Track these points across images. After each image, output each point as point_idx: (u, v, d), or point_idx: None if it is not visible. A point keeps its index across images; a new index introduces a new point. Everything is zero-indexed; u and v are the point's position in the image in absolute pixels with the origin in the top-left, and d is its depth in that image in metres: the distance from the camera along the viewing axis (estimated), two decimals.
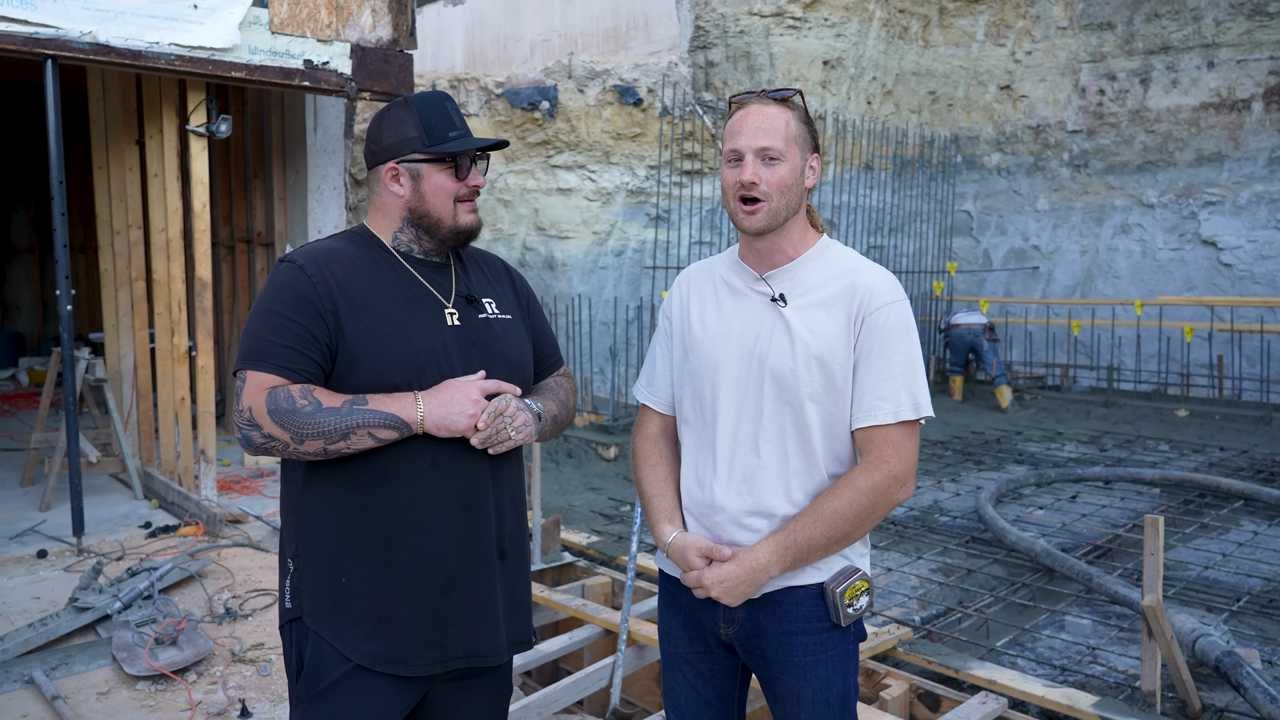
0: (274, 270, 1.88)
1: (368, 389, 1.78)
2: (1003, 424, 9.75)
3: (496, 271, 2.09)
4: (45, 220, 12.91)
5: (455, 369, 1.85)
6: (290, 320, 1.77)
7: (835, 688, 1.88)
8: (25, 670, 3.67)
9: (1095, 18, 11.94)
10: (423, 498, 1.81)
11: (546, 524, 5.04)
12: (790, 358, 1.83)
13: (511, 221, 10.35)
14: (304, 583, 1.83)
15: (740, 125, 1.84)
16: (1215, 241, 11.13)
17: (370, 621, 1.79)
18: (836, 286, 1.85)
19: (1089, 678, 3.77)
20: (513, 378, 1.92)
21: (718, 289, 1.98)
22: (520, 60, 13.77)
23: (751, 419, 1.87)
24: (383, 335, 1.80)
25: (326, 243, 1.92)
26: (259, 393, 1.74)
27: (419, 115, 1.88)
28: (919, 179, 12.53)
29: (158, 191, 6.09)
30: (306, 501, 1.84)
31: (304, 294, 1.79)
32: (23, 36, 4.92)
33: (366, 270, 1.86)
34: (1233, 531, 5.74)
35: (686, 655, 2.00)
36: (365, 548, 1.80)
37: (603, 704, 4.10)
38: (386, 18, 6.25)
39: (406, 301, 1.86)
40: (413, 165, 1.88)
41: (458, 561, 1.83)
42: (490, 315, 1.96)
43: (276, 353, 1.76)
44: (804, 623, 1.86)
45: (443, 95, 1.93)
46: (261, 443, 1.74)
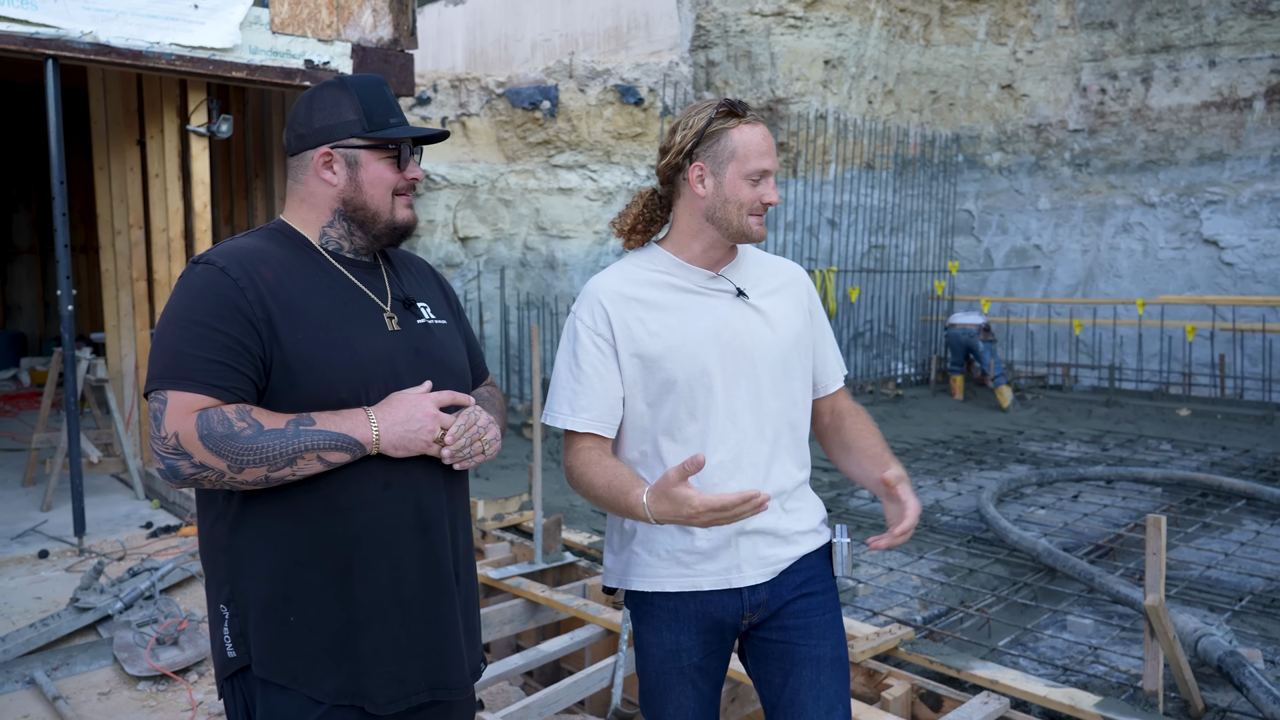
0: (188, 274, 1.63)
1: (309, 406, 1.59)
2: (1004, 423, 9.75)
3: (424, 273, 1.92)
4: (46, 220, 12.92)
5: (402, 380, 1.68)
6: (216, 331, 1.55)
7: (844, 646, 2.01)
8: (27, 670, 3.67)
9: (1096, 17, 11.93)
10: (377, 524, 1.64)
11: (548, 524, 5.03)
12: (778, 343, 1.97)
13: (512, 221, 10.35)
14: (247, 628, 1.63)
15: (761, 145, 1.91)
16: (1217, 240, 11.12)
17: (326, 659, 1.62)
18: (780, 275, 2.05)
19: (1091, 678, 3.77)
20: (457, 388, 1.77)
21: (666, 293, 1.94)
22: (521, 60, 13.77)
23: (751, 408, 1.94)
24: (323, 345, 1.61)
25: (245, 241, 1.70)
26: (186, 416, 1.51)
27: (358, 97, 1.70)
28: (920, 178, 12.52)
29: (159, 191, 6.10)
30: (241, 539, 1.63)
31: (230, 300, 1.57)
32: (23, 36, 4.92)
33: (296, 272, 1.66)
34: (1235, 531, 5.73)
35: (699, 664, 1.97)
36: (314, 583, 1.61)
37: (604, 704, 4.09)
38: (387, 17, 6.25)
39: (344, 306, 1.68)
40: (349, 152, 1.70)
41: (417, 589, 1.67)
42: (428, 320, 1.79)
43: (203, 369, 1.53)
44: (819, 581, 2.01)
45: (381, 79, 1.76)
46: (191, 473, 1.52)
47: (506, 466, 7.34)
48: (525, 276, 10.45)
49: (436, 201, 10.00)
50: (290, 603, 1.61)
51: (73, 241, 8.10)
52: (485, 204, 10.19)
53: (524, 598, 4.52)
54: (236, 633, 1.64)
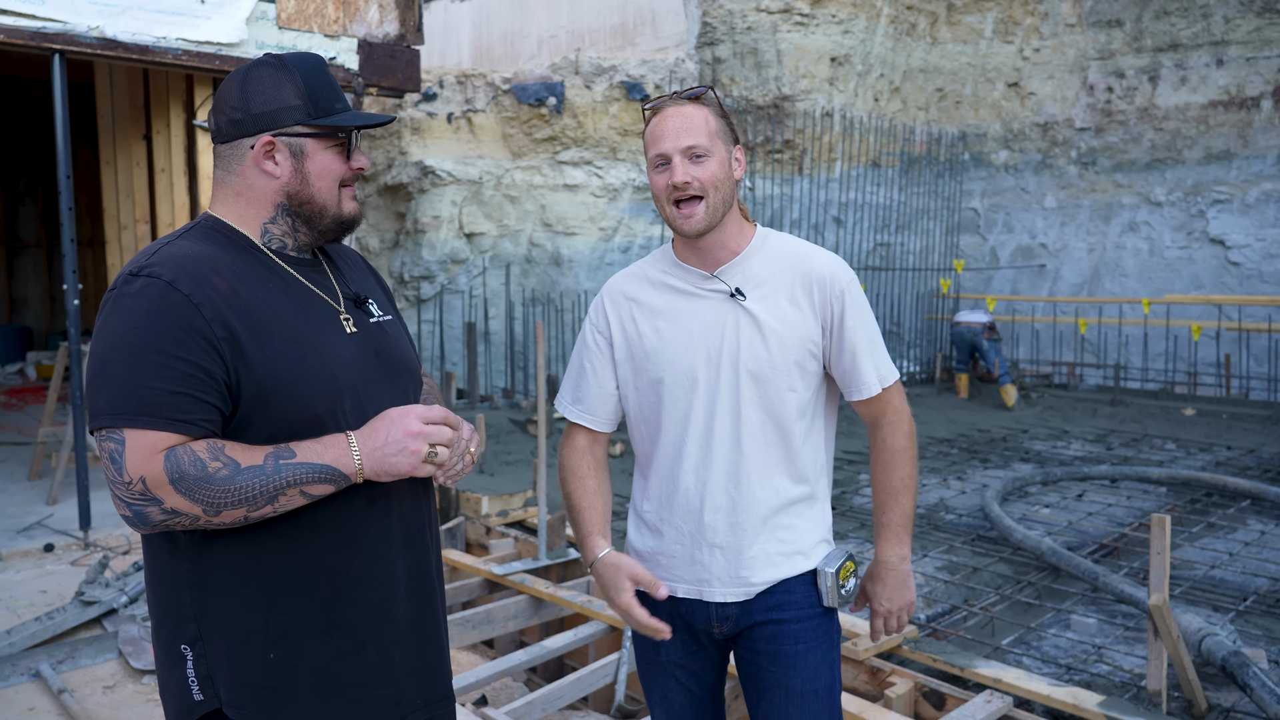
0: (129, 289, 1.42)
1: (284, 425, 1.45)
2: (1009, 422, 9.74)
3: (360, 266, 1.78)
4: (53, 215, 12.95)
5: (367, 385, 1.56)
6: (174, 357, 1.37)
7: (822, 678, 1.89)
8: (32, 663, 3.69)
9: (1104, 15, 11.90)
10: (365, 543, 1.53)
11: (552, 520, 5.04)
12: (765, 350, 1.84)
13: (518, 218, 10.35)
14: (217, 669, 1.47)
15: (661, 129, 1.82)
16: (1223, 240, 11.09)
17: (312, 698, 1.50)
18: (793, 274, 1.88)
19: (1094, 677, 3.76)
20: (412, 386, 1.67)
21: (663, 295, 1.93)
22: (527, 56, 13.77)
23: (730, 417, 1.86)
24: (295, 359, 1.47)
25: (185, 246, 1.49)
26: (151, 457, 1.35)
27: (301, 80, 1.52)
28: (926, 176, 12.51)
29: (165, 186, 6.11)
30: (209, 572, 1.47)
31: (185, 320, 1.38)
32: (30, 31, 4.93)
33: (249, 279, 1.49)
34: (1240, 531, 5.72)
35: (680, 660, 1.99)
36: (296, 614, 1.48)
37: (607, 700, 4.10)
38: (393, 13, 6.25)
39: (305, 313, 1.53)
40: (295, 140, 1.53)
41: (407, 605, 1.59)
42: (379, 318, 1.67)
43: (163, 403, 1.36)
44: (796, 610, 1.89)
45: (321, 58, 1.59)
46: (162, 519, 1.37)
47: (511, 463, 7.35)
48: (530, 273, 10.46)
49: (442, 197, 10.01)
50: (270, 638, 1.48)
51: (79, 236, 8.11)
52: (491, 200, 10.20)
53: (528, 594, 4.53)
54: (204, 674, 1.48)
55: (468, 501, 5.74)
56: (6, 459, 7.11)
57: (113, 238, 6.72)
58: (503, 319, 10.15)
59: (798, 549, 1.89)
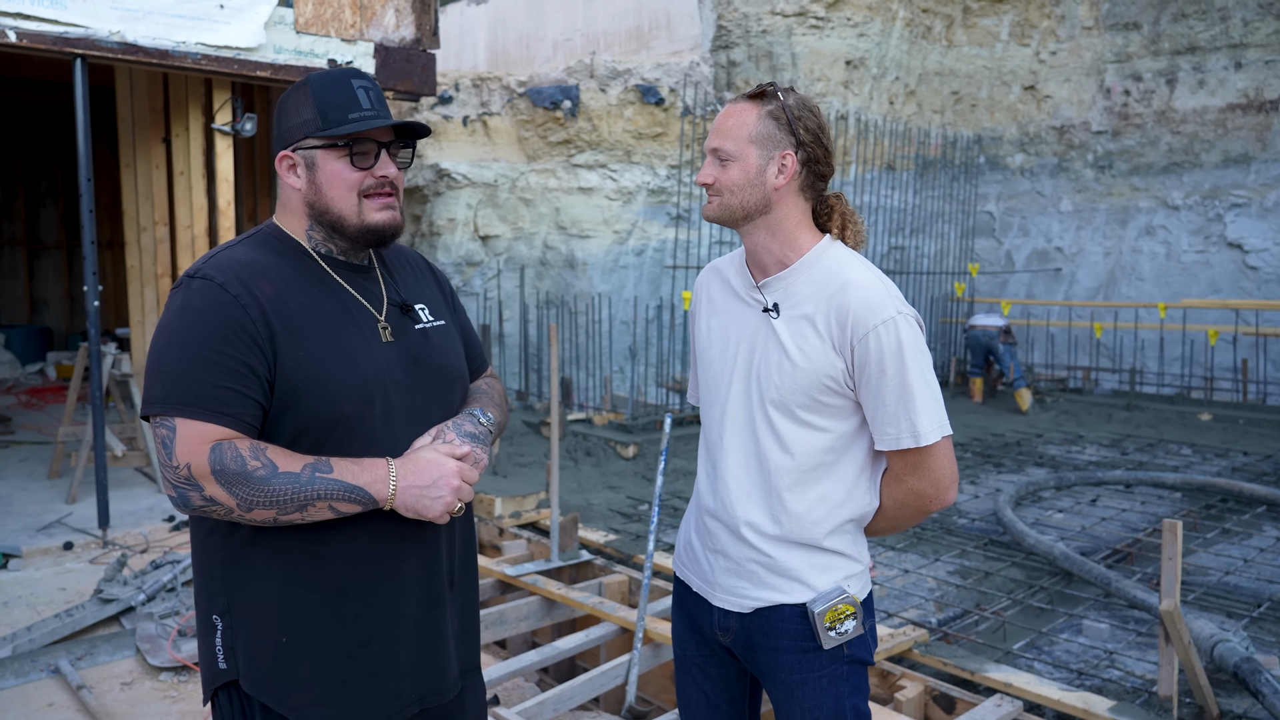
0: (184, 290, 1.55)
1: (313, 424, 1.54)
2: (1023, 426, 9.70)
3: (419, 269, 1.84)
4: (74, 216, 13.08)
5: (401, 391, 1.64)
6: (222, 354, 1.49)
7: (825, 708, 1.82)
8: (51, 660, 3.74)
9: (1121, 18, 11.85)
10: (378, 541, 1.59)
11: (564, 522, 5.06)
12: (778, 374, 1.79)
13: (533, 220, 10.39)
14: (239, 642, 1.58)
15: (713, 125, 1.85)
16: (1241, 244, 11.02)
17: (317, 685, 1.57)
18: (825, 301, 1.76)
19: (1106, 682, 3.76)
20: (453, 392, 1.75)
21: (725, 293, 1.96)
22: (543, 59, 13.82)
23: (744, 431, 1.84)
24: (327, 361, 1.56)
25: (239, 252, 1.61)
26: (199, 447, 1.46)
27: (314, 95, 1.60)
28: (941, 179, 12.48)
29: (183, 189, 6.17)
30: (238, 552, 1.57)
31: (233, 320, 1.50)
32: (53, 36, 5.00)
33: (295, 283, 1.60)
34: (1255, 537, 5.69)
35: (695, 659, 2.00)
36: (309, 603, 1.57)
37: (619, 701, 4.12)
38: (410, 17, 6.30)
39: (343, 318, 1.62)
40: (307, 153, 1.61)
41: (413, 605, 1.65)
42: (426, 324, 1.73)
43: (211, 396, 1.47)
44: (789, 640, 1.82)
45: (349, 72, 1.65)
46: (201, 505, 1.48)
47: (524, 464, 7.38)
48: (545, 275, 10.49)
49: (457, 200, 10.06)
50: (284, 624, 1.57)
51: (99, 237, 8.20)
52: (506, 203, 10.24)
53: (540, 595, 4.55)
54: (229, 645, 1.59)
55: (481, 503, 5.77)
56: (27, 458, 7.19)
57: (132, 239, 6.79)
58: (517, 321, 10.19)
59: (794, 577, 1.81)
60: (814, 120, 1.80)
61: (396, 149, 1.66)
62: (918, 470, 1.77)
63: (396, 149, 1.66)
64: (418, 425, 1.67)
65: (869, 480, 1.84)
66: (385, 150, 1.63)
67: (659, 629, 4.00)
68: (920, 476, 1.77)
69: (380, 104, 1.64)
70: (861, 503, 1.84)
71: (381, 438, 1.61)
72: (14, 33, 4.90)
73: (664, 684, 4.55)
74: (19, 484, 6.40)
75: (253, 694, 1.57)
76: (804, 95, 1.83)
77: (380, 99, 1.66)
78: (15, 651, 3.77)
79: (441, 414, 1.71)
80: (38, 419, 8.77)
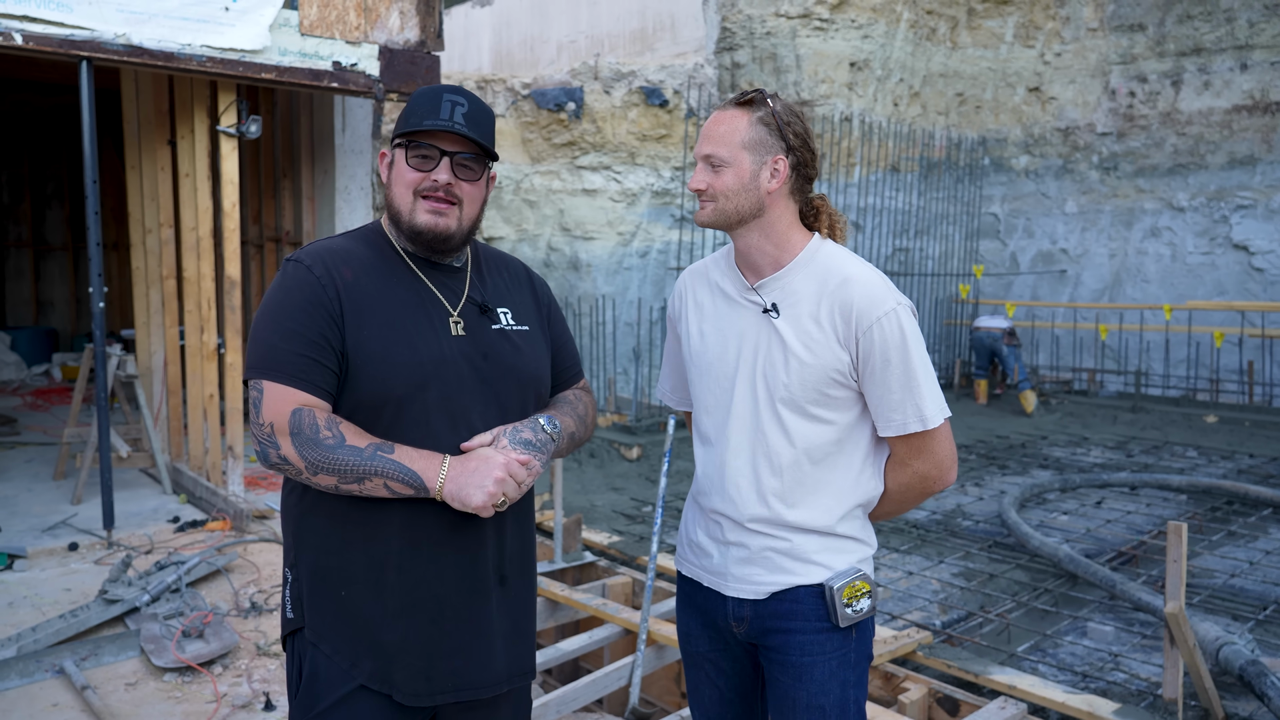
0: (282, 272, 1.76)
1: (367, 401, 1.68)
2: (1028, 428, 9.68)
3: (517, 278, 1.94)
4: (79, 218, 13.12)
5: (465, 383, 1.73)
6: (304, 326, 1.66)
7: (831, 694, 1.86)
8: (56, 660, 3.75)
9: (1126, 19, 11.83)
10: (419, 519, 1.69)
11: (568, 523, 5.07)
12: (785, 374, 1.83)
13: (537, 222, 10.40)
14: (302, 593, 1.74)
15: (701, 131, 1.88)
16: (1247, 246, 10.99)
17: (366, 641, 1.70)
18: (827, 297, 1.82)
19: (1110, 685, 3.75)
20: (525, 395, 1.82)
21: (714, 296, 1.98)
22: (547, 61, 13.83)
23: (751, 429, 1.88)
24: (385, 342, 1.69)
25: (335, 241, 1.80)
26: (283, 409, 1.63)
27: (411, 102, 1.76)
28: (946, 181, 12.46)
29: (189, 191, 6.18)
30: (305, 510, 1.75)
31: (314, 297, 1.68)
32: (59, 39, 5.02)
33: (375, 272, 1.75)
34: (1260, 539, 5.67)
35: (707, 654, 2.03)
36: (359, 564, 1.70)
37: (622, 703, 4.12)
38: (414, 19, 6.31)
39: (414, 308, 1.74)
40: (392, 152, 1.78)
41: (452, 589, 1.72)
42: (505, 326, 1.82)
43: (292, 363, 1.64)
44: (803, 621, 1.87)
45: (449, 88, 1.76)
46: (276, 462, 1.64)
47: None
48: (549, 277, 10.50)
49: None
50: (341, 575, 1.71)
51: (104, 239, 8.23)
52: (510, 204, 10.25)
53: (543, 596, 4.55)
54: (296, 596, 1.75)
55: None
56: (32, 459, 7.21)
57: (137, 241, 6.81)
58: None
59: (809, 559, 1.87)
60: (801, 125, 1.86)
61: (465, 160, 1.74)
62: (922, 453, 1.86)
63: (465, 160, 1.74)
64: (477, 417, 1.74)
65: (873, 466, 1.92)
66: (450, 159, 1.73)
67: (663, 631, 4.00)
68: (925, 459, 1.86)
69: (470, 121, 1.73)
70: (868, 488, 1.91)
71: (434, 423, 1.70)
72: (20, 35, 4.91)
73: (667, 686, 4.55)
74: (24, 485, 6.42)
75: (314, 641, 1.72)
76: (789, 100, 1.87)
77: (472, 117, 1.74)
78: (20, 652, 3.78)
79: (504, 411, 1.78)
80: (43, 420, 8.79)
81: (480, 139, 1.73)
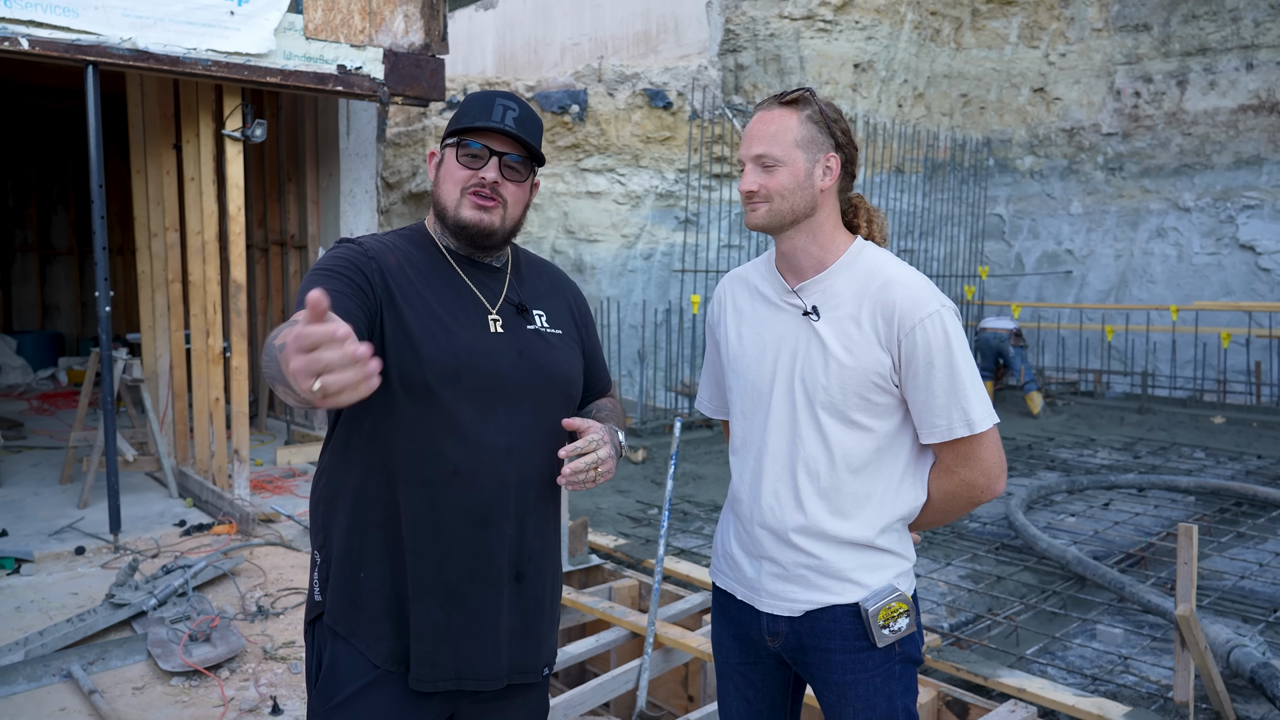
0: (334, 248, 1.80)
1: (395, 384, 1.67)
2: (1034, 430, 9.66)
3: (556, 284, 1.97)
4: (85, 223, 13.14)
5: (499, 377, 1.75)
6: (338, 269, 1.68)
7: (878, 709, 1.84)
8: (63, 664, 3.74)
9: (1131, 19, 11.80)
10: (438, 506, 1.71)
11: (574, 526, 5.06)
12: (824, 375, 1.80)
13: (541, 225, 10.40)
14: (329, 574, 1.76)
15: (748, 132, 1.85)
16: (1254, 246, 10.96)
17: (386, 620, 1.72)
18: (869, 300, 1.79)
19: (1120, 687, 3.73)
20: (557, 395, 1.83)
21: (753, 299, 1.96)
22: (551, 64, 13.84)
23: (789, 436, 1.85)
24: (421, 328, 1.70)
25: (383, 235, 1.85)
26: None
27: (463, 104, 1.81)
28: (950, 182, 12.45)
29: (194, 195, 6.19)
30: (335, 492, 1.77)
31: (360, 262, 1.71)
32: (65, 43, 5.02)
33: (418, 265, 1.79)
34: (1270, 541, 5.65)
35: (738, 666, 2.00)
36: (384, 544, 1.73)
37: (629, 706, 4.11)
38: (419, 23, 6.31)
39: (453, 302, 1.77)
40: (442, 151, 1.82)
41: (463, 578, 1.72)
42: (540, 327, 1.84)
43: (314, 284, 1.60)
44: (841, 640, 1.84)
45: (500, 93, 1.80)
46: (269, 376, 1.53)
47: None
48: None
49: None
50: (364, 556, 1.72)
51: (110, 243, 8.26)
52: None
53: None
54: (323, 578, 1.77)
55: None
56: (39, 463, 7.22)
57: (143, 245, 6.82)
58: None
59: (845, 577, 1.83)
60: (844, 122, 1.85)
61: (513, 162, 1.77)
62: (969, 461, 1.80)
63: (513, 162, 1.77)
64: (505, 413, 1.75)
65: (914, 477, 1.86)
66: (499, 160, 1.76)
67: (669, 634, 3.99)
68: (972, 467, 1.80)
69: (518, 124, 1.76)
70: (909, 499, 1.86)
71: (463, 413, 1.71)
72: (26, 40, 4.92)
73: (674, 689, 4.54)
74: (31, 489, 6.43)
75: (331, 625, 1.73)
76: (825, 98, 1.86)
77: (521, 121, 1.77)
78: (27, 656, 3.78)
79: (535, 409, 1.79)
80: (49, 424, 8.81)
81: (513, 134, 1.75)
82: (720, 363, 2.05)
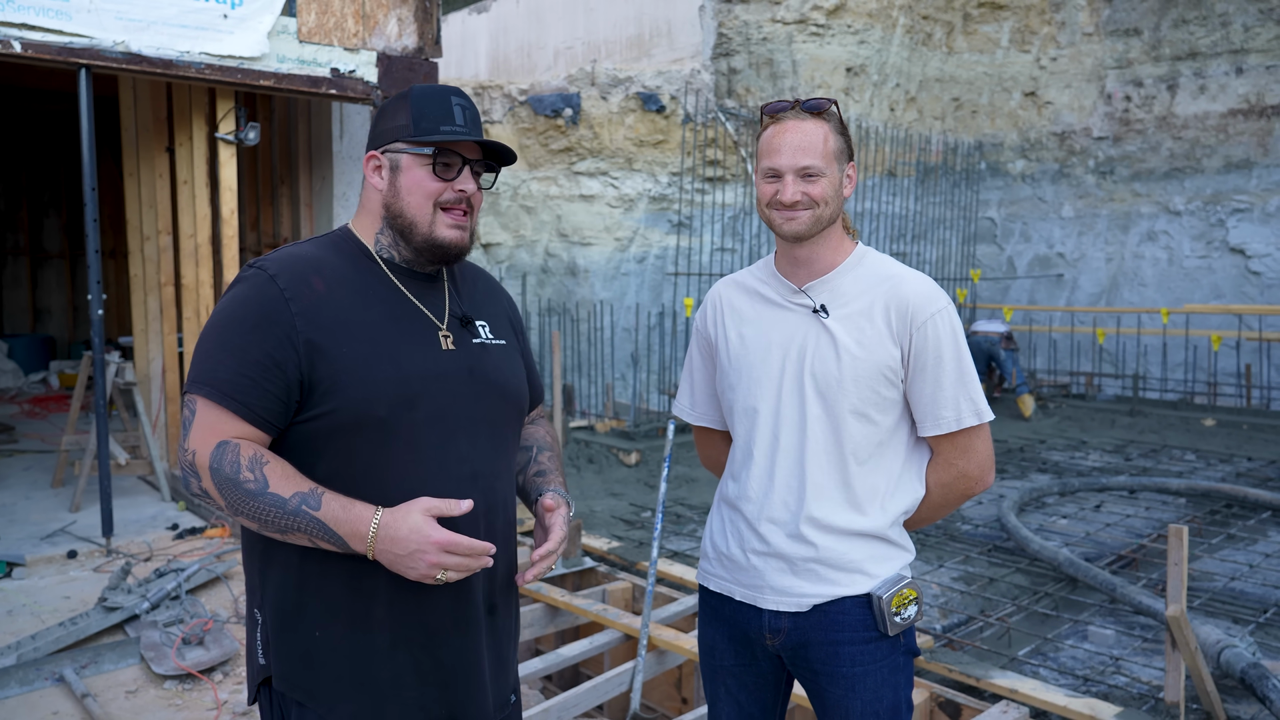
0: (241, 276, 1.60)
1: (349, 421, 1.54)
2: (1026, 432, 9.69)
3: (491, 291, 1.86)
4: (77, 226, 13.12)
5: (457, 400, 1.64)
6: (250, 343, 1.52)
7: (885, 700, 1.87)
8: (56, 668, 3.74)
9: (1121, 24, 11.87)
10: None
11: (569, 529, 5.07)
12: (836, 369, 1.84)
13: (534, 228, 10.41)
14: (270, 639, 1.61)
15: (779, 142, 1.83)
16: (1243, 249, 11.02)
17: (347, 680, 1.59)
18: (878, 297, 1.85)
19: (1112, 688, 3.75)
20: (510, 411, 1.75)
21: (753, 301, 1.98)
22: (544, 67, 13.85)
23: (796, 431, 1.87)
24: (367, 361, 1.56)
25: (304, 248, 1.66)
26: (208, 439, 1.49)
27: (412, 104, 1.64)
28: (942, 186, 12.49)
29: (187, 198, 6.19)
30: (268, 547, 1.60)
31: (271, 312, 1.54)
32: (58, 46, 5.02)
33: (349, 283, 1.62)
34: (1260, 543, 5.68)
35: (731, 669, 2.00)
36: (341, 599, 1.58)
37: (623, 709, 4.11)
38: (412, 26, 6.32)
39: (395, 321, 1.62)
40: (394, 156, 1.64)
41: (445, 619, 1.63)
42: (485, 340, 1.73)
43: (229, 381, 1.50)
44: (850, 631, 1.86)
45: (451, 90, 1.67)
46: (197, 493, 1.51)
47: None
48: (546, 283, 10.50)
49: None
50: (319, 614, 1.58)
51: (102, 247, 8.23)
52: (507, 211, 10.26)
53: (544, 602, 4.55)
54: (265, 640, 1.62)
55: None
56: (30, 467, 7.20)
57: (135, 248, 6.81)
58: None
59: (855, 569, 1.87)
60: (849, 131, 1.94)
61: (480, 169, 1.68)
62: (966, 453, 1.89)
63: (480, 169, 1.68)
64: (465, 436, 1.65)
65: (912, 471, 1.93)
66: (469, 167, 1.66)
67: (663, 636, 4.00)
68: (969, 459, 1.89)
69: (474, 124, 1.66)
70: (910, 492, 1.92)
71: (424, 444, 1.60)
72: (19, 43, 4.91)
73: (668, 691, 4.55)
74: (23, 492, 6.41)
75: (284, 690, 1.59)
76: None
77: (474, 120, 1.67)
78: (20, 660, 3.77)
79: (491, 429, 1.70)
80: (41, 428, 8.78)
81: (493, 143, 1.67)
82: (710, 367, 2.06)
